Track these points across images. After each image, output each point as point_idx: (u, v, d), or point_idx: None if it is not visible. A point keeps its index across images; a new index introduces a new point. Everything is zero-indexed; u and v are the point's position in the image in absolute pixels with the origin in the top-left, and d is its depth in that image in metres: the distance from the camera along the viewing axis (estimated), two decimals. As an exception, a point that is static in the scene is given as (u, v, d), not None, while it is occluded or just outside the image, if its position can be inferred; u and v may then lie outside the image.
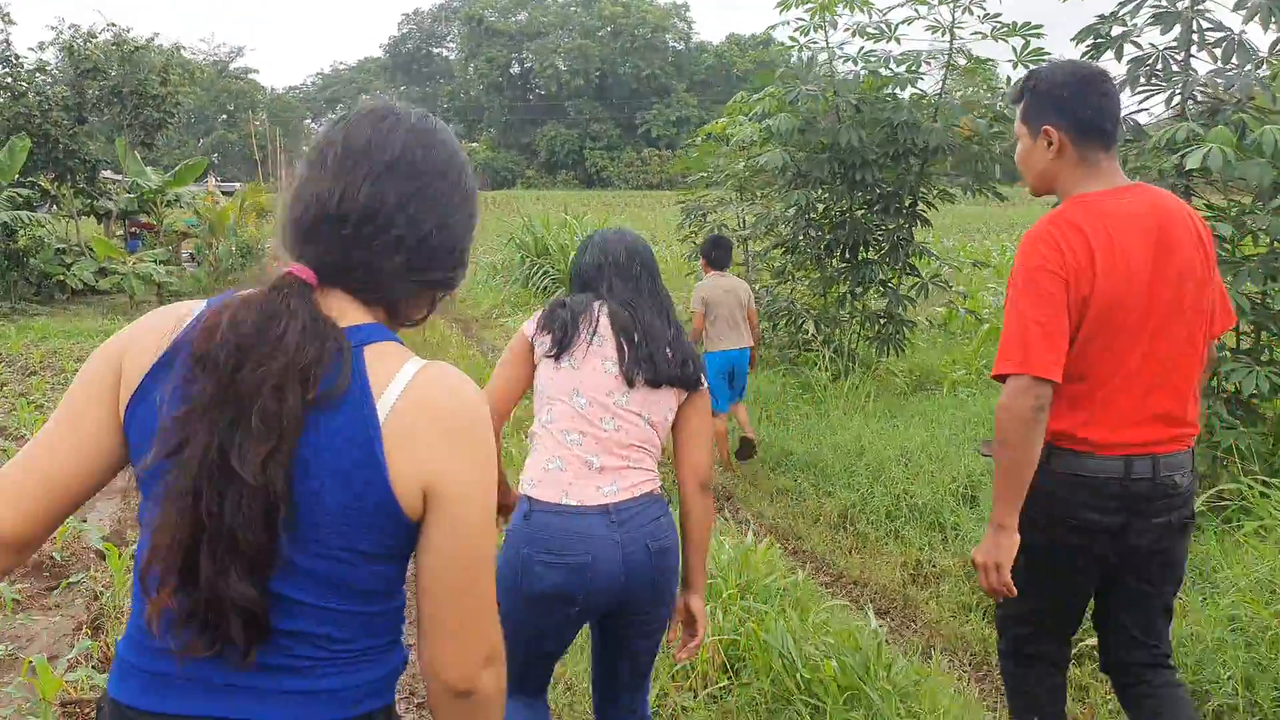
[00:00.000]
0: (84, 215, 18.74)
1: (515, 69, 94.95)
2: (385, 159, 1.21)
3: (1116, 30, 4.83)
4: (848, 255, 7.73)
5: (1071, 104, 2.29)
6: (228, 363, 1.10)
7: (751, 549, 4.29)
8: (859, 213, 7.68)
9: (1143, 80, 4.82)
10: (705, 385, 2.47)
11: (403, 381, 1.16)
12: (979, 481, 5.69)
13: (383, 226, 1.20)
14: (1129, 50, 4.85)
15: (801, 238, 7.92)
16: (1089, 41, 4.91)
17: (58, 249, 16.67)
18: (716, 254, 6.29)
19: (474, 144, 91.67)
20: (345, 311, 1.20)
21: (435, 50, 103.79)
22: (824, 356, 7.92)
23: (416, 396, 1.16)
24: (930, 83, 7.41)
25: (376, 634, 1.22)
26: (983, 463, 5.82)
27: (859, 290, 7.94)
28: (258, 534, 1.08)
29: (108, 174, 18.90)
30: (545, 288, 15.34)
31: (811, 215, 7.77)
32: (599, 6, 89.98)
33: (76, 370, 2.09)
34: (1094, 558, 2.38)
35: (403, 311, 1.29)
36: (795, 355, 8.52)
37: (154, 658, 1.16)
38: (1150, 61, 4.79)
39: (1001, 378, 2.25)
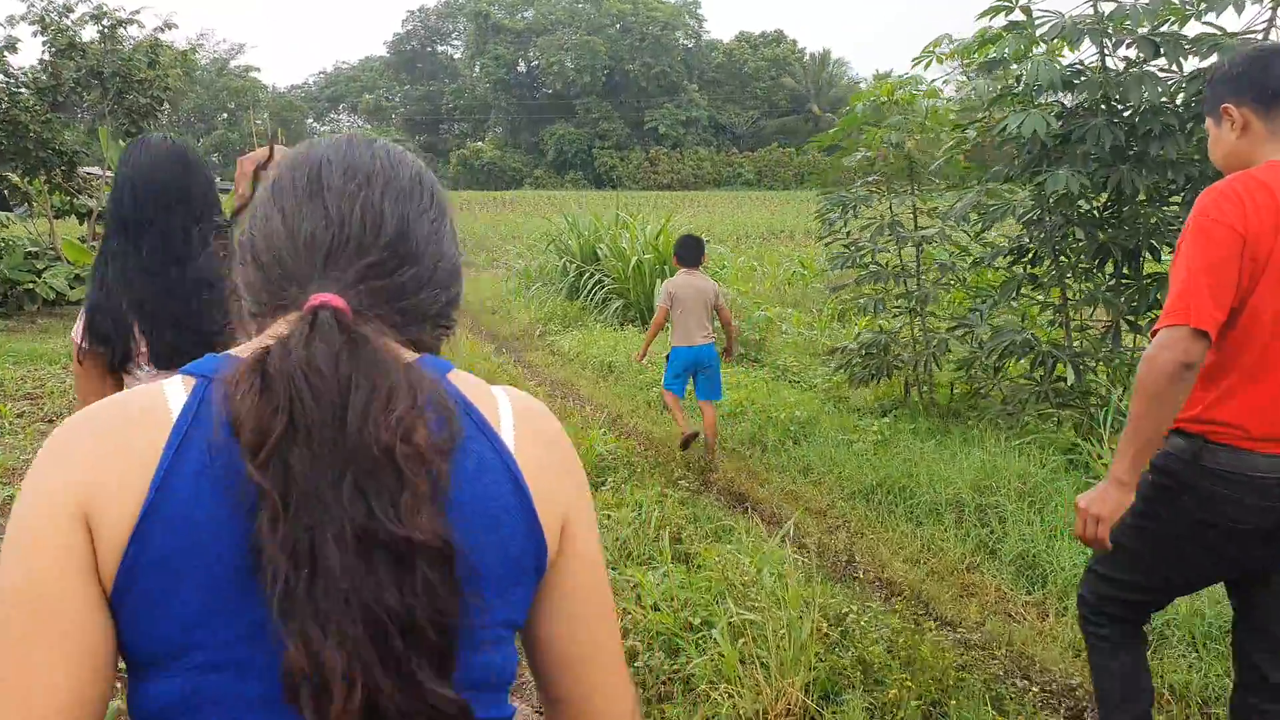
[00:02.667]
0: (62, 215, 16.56)
1: (522, 67, 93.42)
2: (392, 176, 1.03)
3: None
4: (1123, 266, 5.39)
5: (1248, 78, 2.22)
6: (323, 419, 0.84)
7: None
8: (1141, 205, 5.35)
9: None
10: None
11: (508, 409, 1.02)
12: None
13: (414, 251, 1.02)
14: None
15: (1058, 240, 5.56)
16: None
17: (28, 253, 14.51)
18: (686, 252, 6.49)
19: (480, 144, 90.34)
20: (388, 346, 0.94)
21: (440, 48, 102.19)
22: (1085, 418, 5.56)
23: (530, 426, 1.02)
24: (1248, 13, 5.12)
25: None
26: None
27: (1132, 318, 5.44)
28: (446, 609, 0.84)
29: (93, 170, 16.73)
30: (603, 300, 13.12)
31: (1076, 208, 5.45)
32: (607, 3, 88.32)
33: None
34: (1233, 559, 2.28)
35: (428, 344, 1.07)
36: (1045, 412, 5.90)
37: None
38: None
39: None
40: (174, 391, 0.91)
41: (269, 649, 0.82)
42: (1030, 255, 5.83)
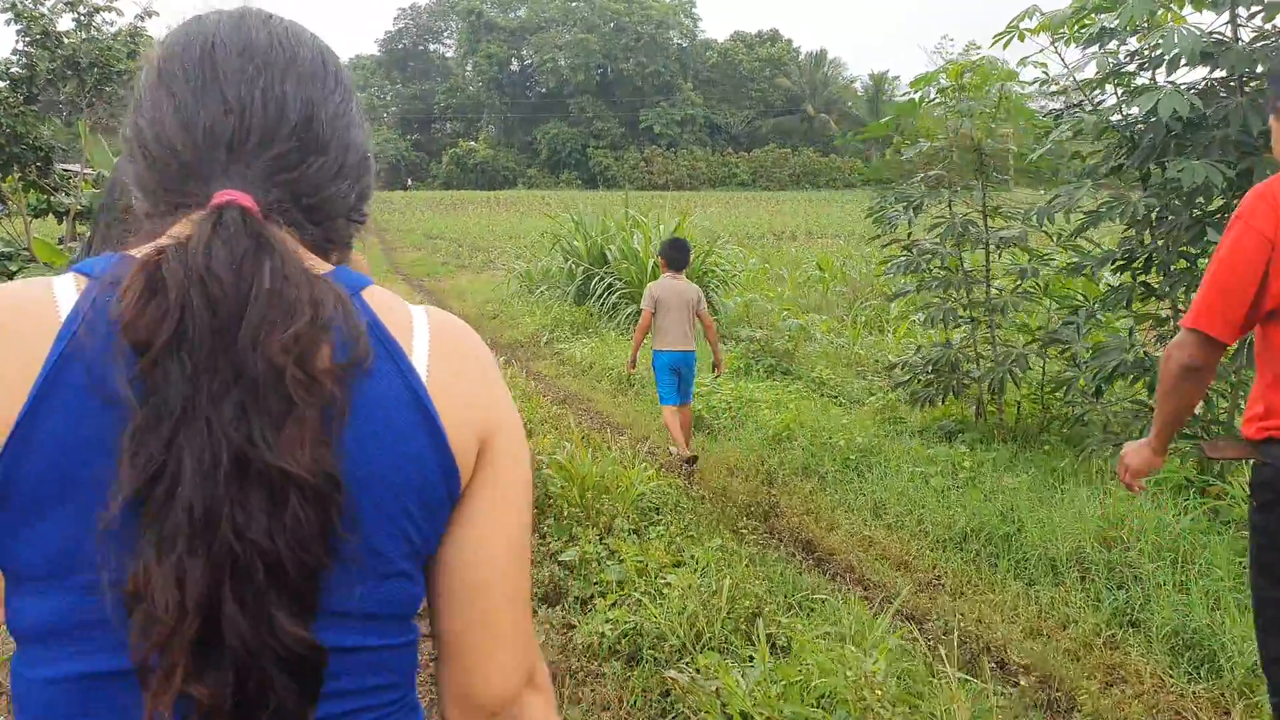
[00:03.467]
0: (40, 214, 15.67)
1: (515, 65, 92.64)
2: (293, 56, 0.93)
3: None
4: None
5: None
6: (215, 331, 0.79)
7: None
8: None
9: None
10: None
11: (424, 329, 0.94)
12: None
13: (321, 139, 0.94)
14: None
15: (1185, 242, 4.68)
16: None
17: (0, 254, 13.62)
18: (674, 255, 6.46)
19: (473, 143, 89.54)
20: (298, 253, 0.89)
21: (432, 46, 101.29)
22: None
23: (446, 344, 0.95)
24: None
25: (410, 675, 0.97)
26: None
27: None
28: (312, 550, 0.79)
29: (71, 167, 15.80)
30: (614, 305, 12.27)
31: (1203, 205, 4.57)
32: (601, 1, 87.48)
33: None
34: None
35: (336, 250, 0.99)
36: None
37: None
38: None
39: None
40: (64, 290, 0.85)
41: None
42: (1143, 261, 4.99)
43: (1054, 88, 5.77)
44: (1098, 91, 5.20)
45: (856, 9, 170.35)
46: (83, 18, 14.74)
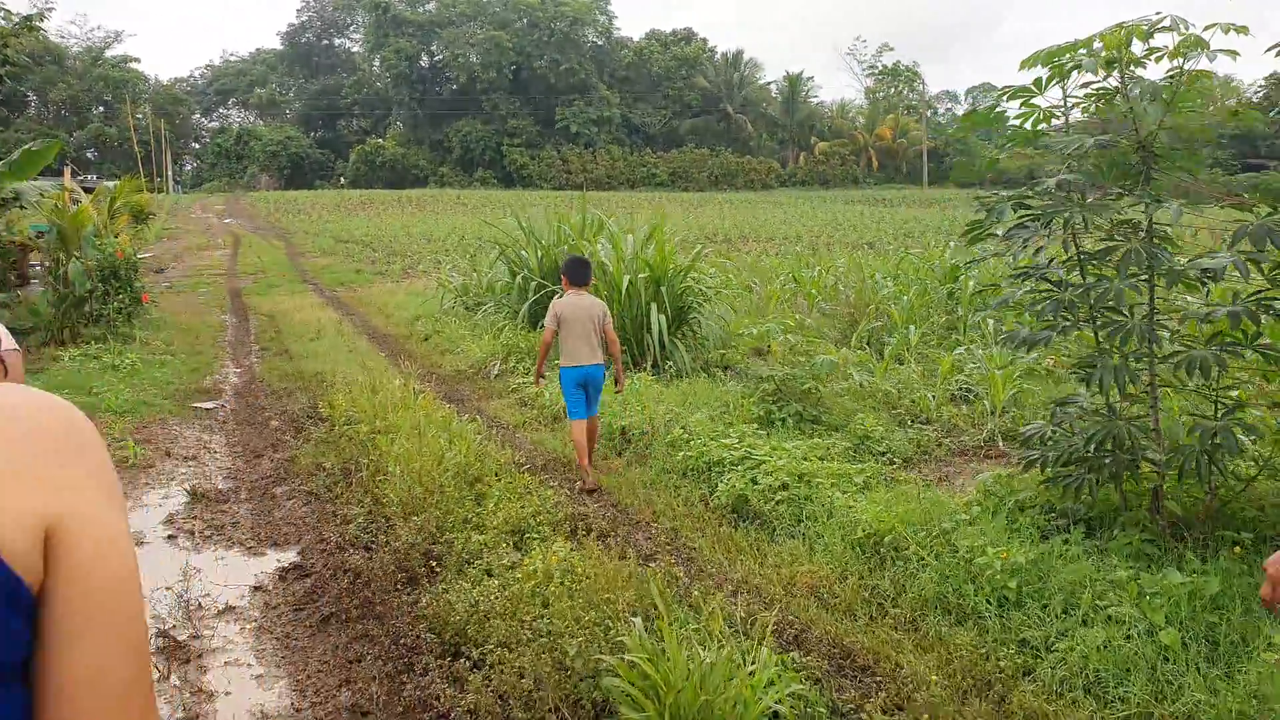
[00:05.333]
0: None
1: (424, 61, 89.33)
2: None
3: None
4: None
5: None
6: None
7: None
8: None
9: None
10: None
11: None
12: None
13: None
14: None
15: None
16: None
17: None
18: (577, 272, 6.63)
19: (381, 140, 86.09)
20: None
21: (338, 41, 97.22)
22: None
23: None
24: None
25: None
26: None
27: None
28: None
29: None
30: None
31: None
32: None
33: None
34: None
35: None
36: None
37: None
38: None
39: None
40: None
41: None
42: None
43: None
44: None
45: (769, 10, 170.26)
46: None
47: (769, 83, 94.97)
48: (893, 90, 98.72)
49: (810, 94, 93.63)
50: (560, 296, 6.73)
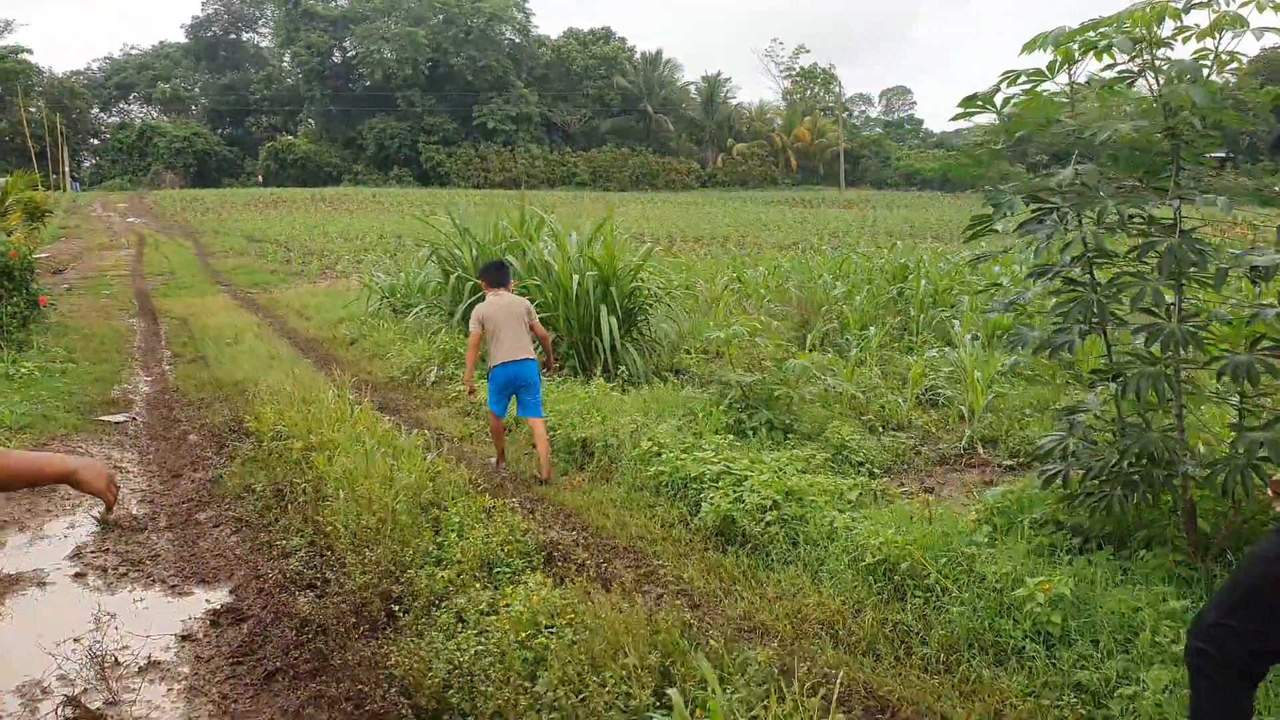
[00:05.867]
0: None
1: (337, 57, 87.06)
2: None
3: None
4: None
5: None
6: None
7: None
8: None
9: None
10: None
11: None
12: None
13: None
14: None
15: None
16: None
17: None
18: (495, 274, 6.86)
19: (292, 137, 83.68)
20: None
21: (246, 35, 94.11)
22: None
23: None
24: None
25: None
26: None
27: None
28: None
29: None
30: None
31: None
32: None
33: None
34: None
35: None
36: None
37: None
38: None
39: None
40: None
41: None
42: None
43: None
44: None
45: (688, 12, 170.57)
46: None
47: (688, 83, 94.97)
48: (809, 92, 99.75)
49: (729, 95, 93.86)
50: (482, 301, 6.85)
